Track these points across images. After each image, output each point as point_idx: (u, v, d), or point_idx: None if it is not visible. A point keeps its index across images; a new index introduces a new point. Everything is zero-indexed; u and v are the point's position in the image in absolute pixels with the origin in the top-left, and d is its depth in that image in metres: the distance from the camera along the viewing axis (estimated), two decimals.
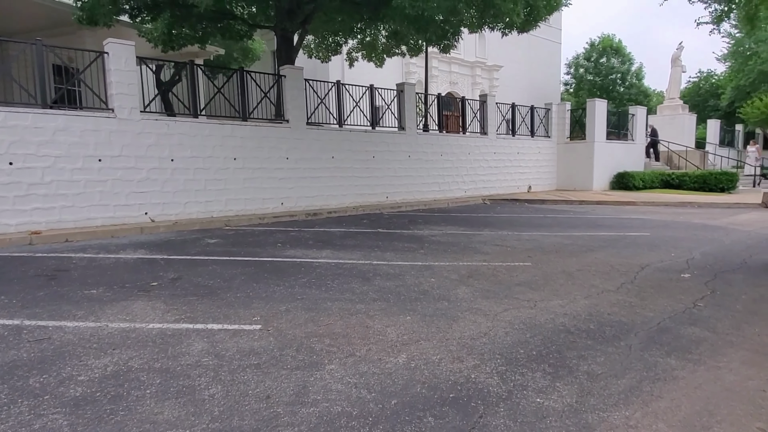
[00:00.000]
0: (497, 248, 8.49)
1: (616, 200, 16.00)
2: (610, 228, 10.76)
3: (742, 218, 12.29)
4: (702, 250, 8.21)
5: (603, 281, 6.21)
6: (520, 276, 6.51)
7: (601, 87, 36.05)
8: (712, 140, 27.61)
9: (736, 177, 19.46)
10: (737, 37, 30.60)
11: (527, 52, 34.11)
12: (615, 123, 21.00)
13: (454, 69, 30.45)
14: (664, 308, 5.12)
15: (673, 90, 25.66)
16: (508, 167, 18.44)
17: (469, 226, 11.25)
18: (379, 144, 14.65)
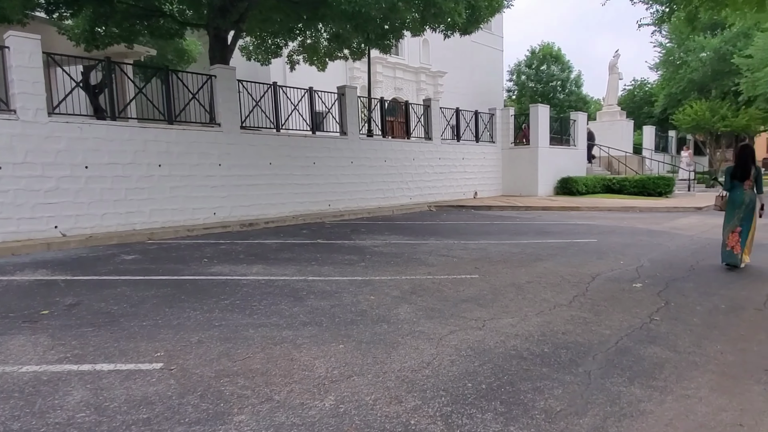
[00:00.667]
0: (443, 259, 8.00)
1: (562, 206, 15.97)
2: (557, 235, 10.52)
3: (683, 222, 12.40)
4: (650, 256, 8.01)
5: (554, 294, 5.79)
6: (467, 290, 6.00)
7: (542, 94, 36.72)
8: (648, 146, 28.53)
9: (672, 181, 19.96)
10: (668, 47, 31.91)
11: (471, 59, 34.37)
12: (557, 129, 21.18)
13: (398, 74, 30.22)
14: (621, 324, 4.72)
15: (611, 97, 26.33)
16: (453, 173, 18.15)
17: (413, 235, 10.75)
18: (320, 150, 13.97)
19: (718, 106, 27.73)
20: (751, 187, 7.09)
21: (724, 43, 26.97)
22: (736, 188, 7.16)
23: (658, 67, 32.94)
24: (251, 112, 12.77)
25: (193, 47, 19.61)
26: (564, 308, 5.26)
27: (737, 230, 7.09)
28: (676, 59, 30.46)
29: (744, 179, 7.07)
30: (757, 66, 21.93)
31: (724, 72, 27.23)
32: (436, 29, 12.48)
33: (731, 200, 7.22)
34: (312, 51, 16.12)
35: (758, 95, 22.01)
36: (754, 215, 7.14)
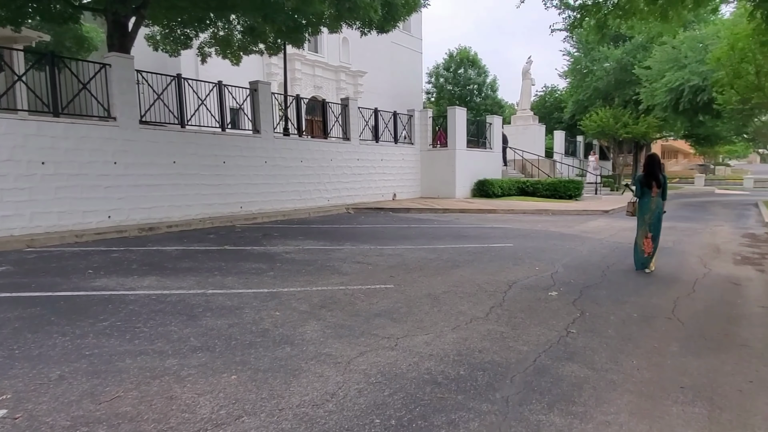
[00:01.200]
0: (357, 267, 7.58)
1: (479, 208, 16.12)
2: (474, 239, 10.45)
3: (592, 226, 12.82)
4: (564, 261, 8.04)
5: (471, 306, 5.54)
6: (381, 303, 5.62)
7: (459, 97, 37.44)
8: (558, 150, 29.82)
9: (581, 185, 20.87)
10: (576, 56, 33.53)
11: (390, 60, 34.38)
12: (474, 132, 21.50)
13: (318, 73, 29.56)
14: (538, 338, 4.52)
15: (525, 101, 27.24)
16: (372, 174, 17.85)
17: (329, 239, 10.27)
18: (231, 148, 13.13)
19: (620, 113, 29.45)
20: (657, 194, 7.36)
21: (626, 54, 28.69)
22: (645, 195, 7.42)
23: (567, 74, 34.55)
24: (152, 106, 11.72)
25: (94, 34, 17.95)
26: (481, 321, 5.00)
27: (649, 236, 7.38)
28: (583, 68, 32.04)
29: (652, 187, 7.34)
30: (655, 77, 23.47)
31: (626, 82, 28.96)
32: (353, 26, 12.07)
33: (641, 206, 7.48)
34: (225, 44, 15.18)
35: (656, 104, 23.57)
36: (661, 220, 7.45)
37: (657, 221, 7.37)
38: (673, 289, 6.42)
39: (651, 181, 7.34)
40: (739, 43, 10.45)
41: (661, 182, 7.31)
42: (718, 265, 7.90)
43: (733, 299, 5.94)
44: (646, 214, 7.41)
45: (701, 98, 20.55)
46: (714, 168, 65.42)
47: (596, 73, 30.88)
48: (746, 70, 10.61)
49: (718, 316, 5.27)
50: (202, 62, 15.81)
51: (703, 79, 20.31)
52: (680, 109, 22.01)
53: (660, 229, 7.44)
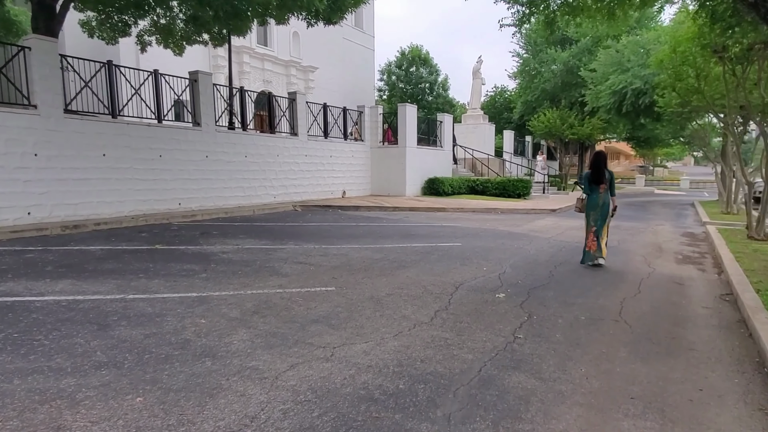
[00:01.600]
0: (299, 267, 7.15)
1: (428, 206, 15.94)
2: (422, 238, 10.19)
3: (540, 224, 12.83)
4: (511, 261, 7.88)
5: (416, 309, 5.23)
6: (320, 307, 5.23)
7: (411, 95, 37.41)
8: (507, 149, 30.18)
9: (529, 184, 21.08)
10: (525, 58, 34.08)
11: (343, 57, 33.94)
12: (425, 129, 21.37)
13: (267, 67, 28.78)
14: (484, 345, 4.25)
15: (475, 101, 27.38)
16: (321, 171, 17.38)
17: (272, 238, 9.77)
18: (168, 141, 12.38)
19: (566, 115, 30.10)
20: (605, 191, 7.56)
21: (572, 57, 29.33)
22: (593, 192, 7.62)
23: (516, 76, 35.08)
24: (79, 94, 10.86)
25: (23, 18, 16.62)
26: (425, 327, 4.70)
27: (593, 230, 7.61)
28: (532, 69, 32.59)
29: (599, 183, 7.54)
30: (599, 80, 24.02)
31: (572, 84, 29.62)
32: (299, 16, 11.58)
33: (589, 202, 7.69)
34: (166, 33, 14.32)
35: (600, 106, 24.13)
36: (607, 216, 7.64)
37: (603, 217, 7.56)
38: (620, 289, 6.33)
39: (597, 178, 7.53)
40: (681, 47, 10.65)
41: (607, 179, 7.51)
42: (661, 265, 7.94)
43: (678, 300, 5.89)
44: (594, 210, 7.61)
45: (643, 101, 21.13)
46: (653, 169, 68.30)
47: (544, 74, 31.44)
48: (687, 73, 10.83)
49: (664, 318, 5.17)
50: (142, 51, 14.88)
51: (645, 83, 20.90)
52: (623, 111, 22.59)
53: (605, 224, 7.59)
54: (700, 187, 40.05)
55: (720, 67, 10.36)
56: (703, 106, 12.14)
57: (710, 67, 10.44)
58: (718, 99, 11.86)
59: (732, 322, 5.06)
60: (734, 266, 7.31)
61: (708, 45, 9.42)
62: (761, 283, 6.22)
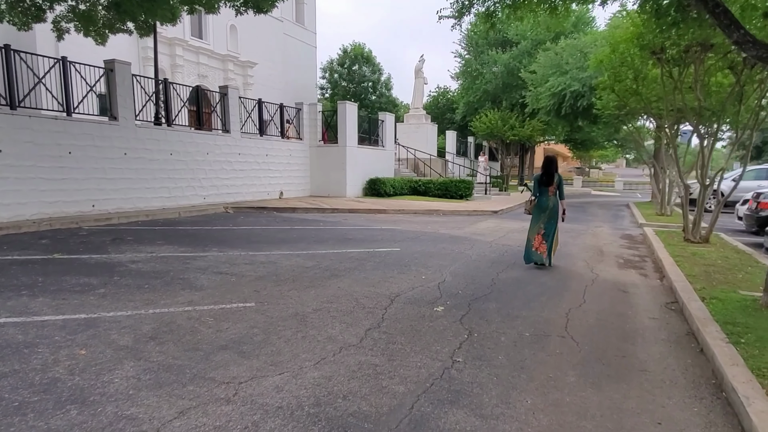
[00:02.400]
0: (218, 279, 6.38)
1: (368, 208, 15.37)
2: (360, 242, 9.59)
3: (482, 227, 12.53)
4: (452, 268, 7.41)
5: (344, 328, 4.62)
6: (233, 329, 4.52)
7: (354, 94, 36.81)
8: (450, 150, 30.10)
9: (472, 185, 20.94)
10: (467, 59, 34.21)
11: (284, 53, 32.92)
12: (366, 129, 20.80)
13: (202, 60, 27.39)
14: (419, 373, 3.69)
15: (417, 100, 27.06)
16: (256, 170, 16.45)
17: (194, 244, 8.88)
18: (80, 137, 11.18)
19: (507, 116, 30.38)
20: (554, 193, 7.67)
21: (513, 59, 29.63)
22: (542, 194, 7.69)
23: (459, 76, 35.17)
24: None
25: None
26: (353, 350, 4.09)
27: (541, 232, 7.63)
28: (473, 70, 32.73)
29: (549, 186, 7.65)
30: (539, 81, 24.29)
31: (513, 86, 29.93)
32: (227, 2, 10.70)
33: (538, 205, 7.72)
34: (86, 19, 13.00)
35: (540, 108, 24.40)
36: (557, 219, 7.71)
37: (553, 220, 7.62)
38: (564, 298, 5.96)
39: (547, 181, 7.64)
40: (620, 47, 10.57)
41: (556, 182, 7.64)
42: (604, 270, 7.69)
43: (624, 310, 5.57)
44: (543, 212, 7.66)
45: (581, 103, 21.47)
46: (589, 171, 70.83)
47: (485, 76, 31.64)
48: (625, 75, 10.79)
49: (612, 332, 4.79)
50: (59, 39, 13.45)
51: (583, 86, 21.23)
52: (562, 113, 22.91)
53: (553, 228, 7.65)
54: (633, 189, 41.68)
55: (658, 70, 10.35)
56: (641, 108, 12.21)
57: (648, 68, 10.43)
58: (654, 102, 11.95)
59: (681, 336, 4.75)
60: (675, 271, 7.14)
61: (647, 46, 9.34)
62: (705, 290, 6.01)
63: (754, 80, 9.62)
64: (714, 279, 6.64)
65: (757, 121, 9.23)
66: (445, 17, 7.59)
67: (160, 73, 23.32)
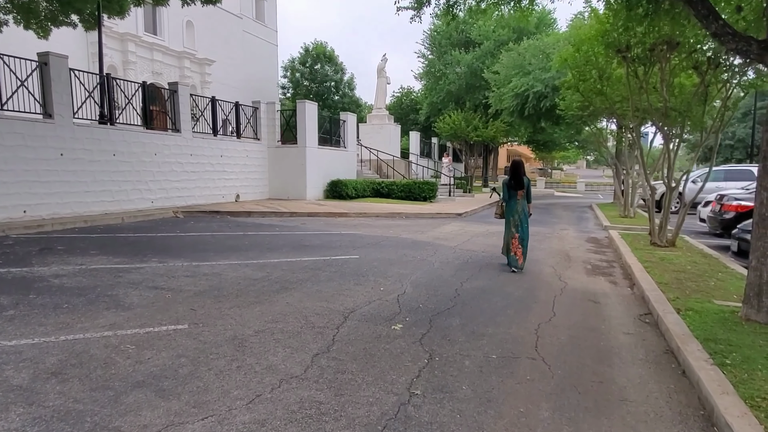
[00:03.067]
0: (151, 295, 5.68)
1: (329, 211, 14.76)
2: (317, 249, 8.99)
3: (446, 231, 12.09)
4: (413, 277, 6.90)
5: (288, 355, 4.03)
6: (156, 359, 3.88)
7: (317, 93, 36.04)
8: (414, 151, 29.71)
9: (435, 187, 20.55)
10: (430, 59, 33.94)
11: (243, 51, 32.00)
12: (327, 129, 20.17)
13: (157, 57, 26.26)
14: (369, 412, 3.14)
15: (380, 100, 26.52)
16: (209, 172, 15.61)
17: (132, 254, 8.11)
18: (7, 136, 10.20)
19: (471, 117, 30.22)
20: (523, 197, 7.71)
21: (476, 59, 29.47)
22: (512, 198, 7.72)
23: (422, 77, 34.87)
24: None
25: None
26: (295, 384, 3.51)
27: (516, 236, 7.63)
28: (437, 71, 32.48)
29: (518, 189, 7.67)
30: (502, 82, 24.15)
31: (476, 86, 29.79)
32: None
33: (508, 209, 7.77)
34: (26, 11, 12.02)
35: (504, 109, 24.26)
36: (528, 222, 7.78)
37: (524, 223, 7.65)
38: (533, 312, 5.52)
39: (516, 185, 7.64)
40: (584, 45, 10.30)
41: (525, 186, 7.69)
42: (572, 277, 7.32)
43: (596, 324, 5.16)
44: (513, 216, 7.69)
45: (544, 104, 21.40)
46: (551, 172, 71.89)
47: (449, 76, 31.43)
48: (590, 74, 10.53)
49: (586, 351, 4.36)
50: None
51: (546, 86, 21.16)
52: (525, 114, 22.80)
53: (527, 231, 7.72)
54: (595, 190, 42.25)
55: (623, 69, 10.13)
56: (606, 108, 12.02)
57: (613, 67, 10.20)
58: (619, 102, 11.78)
59: (660, 354, 4.35)
60: (646, 278, 6.82)
61: (612, 44, 9.07)
62: (679, 300, 5.67)
63: (718, 80, 9.49)
64: (687, 287, 6.33)
65: (723, 122, 9.07)
66: (404, 8, 7.09)
67: (112, 70, 22.16)
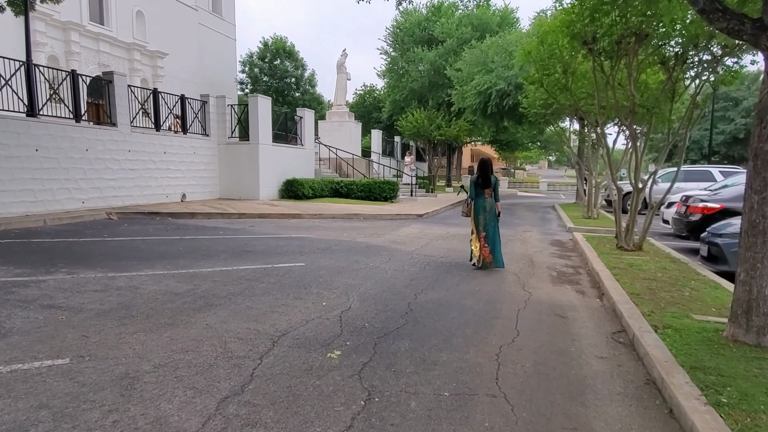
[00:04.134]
0: (41, 317, 4.72)
1: (282, 213, 13.83)
2: (259, 256, 8.10)
3: (404, 233, 11.37)
4: (362, 289, 6.11)
5: (188, 400, 3.18)
6: (7, 411, 2.96)
7: (277, 90, 34.92)
8: (376, 149, 28.94)
9: (397, 186, 19.85)
10: (393, 56, 33.26)
11: (199, 44, 30.61)
12: (283, 125, 19.19)
13: (104, 48, 24.67)
14: None
15: (340, 97, 25.58)
16: (151, 170, 14.44)
17: (39, 263, 7.04)
18: None
19: (434, 115, 29.66)
20: (490, 195, 7.66)
21: (439, 57, 28.92)
22: (479, 196, 7.67)
23: (385, 74, 34.15)
24: None
25: None
26: None
27: (482, 235, 7.57)
28: (400, 68, 31.83)
29: (485, 188, 7.64)
30: (465, 79, 23.63)
31: (439, 84, 29.24)
32: None
33: (476, 207, 7.66)
34: None
35: (466, 107, 23.72)
36: (497, 220, 7.69)
37: (493, 222, 7.60)
38: (494, 330, 4.81)
39: (484, 183, 7.62)
40: (549, 37, 9.73)
41: (493, 184, 7.65)
42: (537, 286, 6.68)
43: (565, 345, 4.48)
44: (481, 215, 7.62)
45: (507, 102, 20.95)
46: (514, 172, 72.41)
47: (411, 74, 30.83)
48: (554, 68, 9.97)
49: (556, 384, 3.66)
50: None
51: (509, 84, 20.72)
52: (488, 112, 22.33)
53: (497, 229, 7.67)
54: (557, 190, 42.42)
55: (588, 63, 9.61)
56: (570, 105, 11.53)
57: (578, 61, 9.66)
58: (584, 98, 11.30)
59: (640, 386, 3.68)
60: (616, 288, 6.22)
61: (578, 35, 8.50)
62: (654, 315, 5.06)
63: (685, 77, 9.07)
64: (660, 298, 5.75)
65: (692, 121, 8.62)
66: None
67: (53, 61, 20.58)
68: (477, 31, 28.56)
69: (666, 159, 9.94)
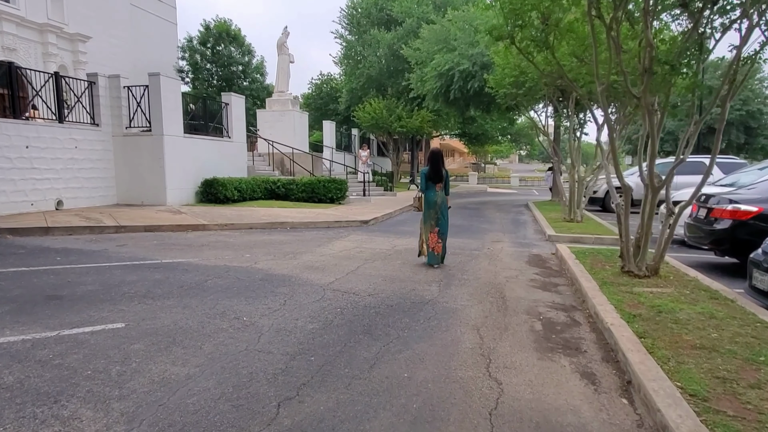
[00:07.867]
0: None
1: (181, 223, 10.63)
2: (66, 307, 4.96)
3: (333, 250, 8.33)
4: (177, 396, 3.01)
5: None
6: None
7: (222, 78, 31.39)
8: (328, 143, 25.76)
9: (345, 185, 16.80)
10: (349, 40, 30.11)
11: (132, 28, 26.91)
12: (202, 113, 15.89)
13: (9, 29, 20.61)
14: None
15: (282, 82, 22.16)
16: (10, 170, 11.02)
17: None
18: None
19: (394, 105, 26.70)
20: (441, 189, 7.24)
21: (398, 39, 25.89)
22: (430, 189, 7.25)
23: (341, 61, 30.99)
24: None
25: None
26: None
27: (435, 231, 7.16)
28: (356, 54, 28.73)
29: (437, 182, 7.22)
30: (424, 59, 20.68)
31: (399, 70, 26.24)
32: None
33: (427, 201, 7.25)
34: None
35: (427, 92, 20.75)
36: (448, 214, 7.29)
37: (443, 216, 7.23)
38: None
39: (435, 176, 7.20)
40: None
41: (444, 178, 7.25)
42: (511, 363, 3.74)
43: None
44: (432, 209, 7.22)
45: (472, 85, 18.07)
46: (485, 166, 70.12)
47: (369, 59, 27.74)
48: (530, 18, 7.03)
49: None
50: None
51: (473, 64, 17.85)
52: (451, 98, 19.38)
53: (447, 225, 7.31)
54: (529, 185, 40.03)
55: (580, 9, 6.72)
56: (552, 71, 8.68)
57: (563, 6, 6.78)
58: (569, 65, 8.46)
59: None
60: (657, 378, 3.30)
61: None
62: None
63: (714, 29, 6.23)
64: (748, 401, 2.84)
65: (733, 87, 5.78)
66: None
67: None
68: (440, 9, 25.65)
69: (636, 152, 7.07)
